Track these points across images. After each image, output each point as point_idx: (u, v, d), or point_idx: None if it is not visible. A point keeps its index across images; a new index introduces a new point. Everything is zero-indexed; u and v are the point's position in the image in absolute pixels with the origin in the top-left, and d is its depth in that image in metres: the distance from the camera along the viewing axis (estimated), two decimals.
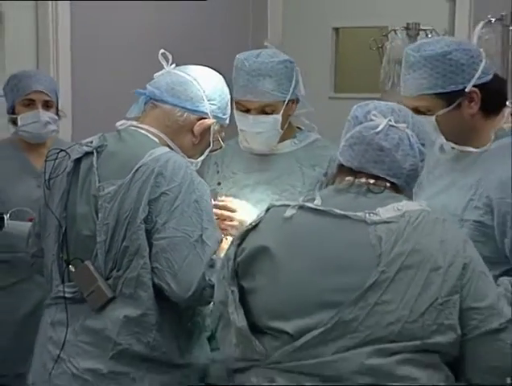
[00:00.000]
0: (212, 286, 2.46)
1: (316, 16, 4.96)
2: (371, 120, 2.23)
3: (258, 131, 3.08)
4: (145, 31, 4.33)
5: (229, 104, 2.79)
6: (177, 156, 2.60)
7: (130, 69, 2.69)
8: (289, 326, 2.12)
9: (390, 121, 2.22)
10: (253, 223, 2.25)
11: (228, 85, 2.80)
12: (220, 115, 2.73)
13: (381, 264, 2.11)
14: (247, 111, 3.07)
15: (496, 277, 2.56)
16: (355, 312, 2.09)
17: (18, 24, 4.31)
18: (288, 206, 2.23)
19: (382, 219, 2.16)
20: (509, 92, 3.56)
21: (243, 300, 2.22)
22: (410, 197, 2.31)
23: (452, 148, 2.76)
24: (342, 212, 2.17)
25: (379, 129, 2.20)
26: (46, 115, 3.64)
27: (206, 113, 2.69)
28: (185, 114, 2.67)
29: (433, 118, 2.70)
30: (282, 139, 3.13)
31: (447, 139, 2.73)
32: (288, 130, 3.14)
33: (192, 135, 2.69)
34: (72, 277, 2.60)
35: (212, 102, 2.69)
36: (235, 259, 2.24)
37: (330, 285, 2.13)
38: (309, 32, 4.96)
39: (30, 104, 3.64)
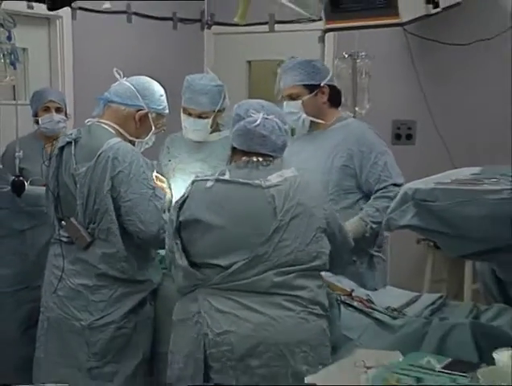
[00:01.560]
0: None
1: (236, 52, 4.90)
2: (250, 116, 2.24)
3: (196, 129, 3.06)
4: (126, 59, 4.26)
5: (163, 99, 2.69)
6: (125, 144, 2.56)
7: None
8: (222, 262, 2.16)
9: (263, 115, 2.24)
10: (186, 194, 2.25)
11: (166, 93, 2.73)
12: (154, 106, 2.64)
13: (279, 215, 2.17)
14: (190, 115, 3.05)
15: (355, 202, 2.88)
16: (265, 249, 2.15)
17: (37, 56, 4.23)
18: (207, 180, 2.24)
19: (273, 184, 2.20)
20: (358, 102, 3.66)
21: (184, 247, 2.23)
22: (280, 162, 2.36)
23: (311, 120, 2.92)
24: (245, 181, 2.20)
25: (258, 122, 2.22)
26: (58, 117, 3.64)
27: (142, 106, 2.61)
28: (127, 108, 2.61)
29: (300, 102, 2.89)
30: (212, 132, 3.12)
31: (307, 115, 2.90)
32: (216, 126, 3.12)
33: (135, 122, 2.62)
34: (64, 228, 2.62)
35: (145, 98, 2.61)
36: (177, 220, 2.23)
37: (246, 232, 2.17)
38: (232, 63, 4.90)
39: (47, 109, 3.63)
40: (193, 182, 2.28)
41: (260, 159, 2.25)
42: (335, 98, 2.96)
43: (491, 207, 2.11)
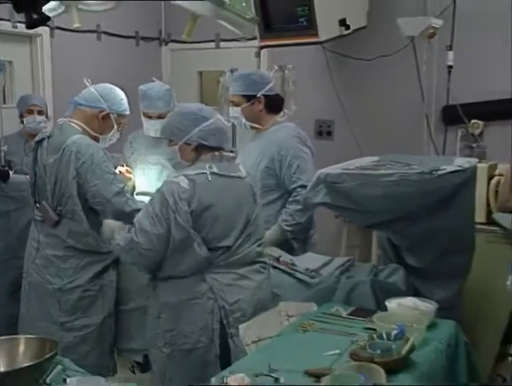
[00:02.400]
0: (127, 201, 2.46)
1: (189, 65, 4.81)
2: (213, 117, 2.13)
3: (157, 128, 2.92)
4: (96, 70, 4.15)
5: (123, 102, 2.60)
6: (87, 139, 2.49)
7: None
8: (228, 242, 2.09)
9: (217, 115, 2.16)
10: (188, 188, 2.02)
11: (128, 98, 2.65)
12: (115, 108, 2.56)
13: (257, 200, 2.20)
14: (150, 117, 2.96)
15: (277, 198, 2.74)
16: (252, 228, 2.15)
17: (21, 67, 4.11)
18: (201, 173, 2.06)
19: (245, 175, 2.18)
20: (286, 105, 3.63)
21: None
22: None
23: (250, 125, 2.81)
24: (232, 174, 2.13)
25: (225, 122, 2.15)
26: (40, 118, 3.52)
27: (104, 108, 2.54)
28: (91, 110, 2.54)
29: (240, 108, 2.77)
30: None
31: (246, 120, 2.79)
32: None
33: (98, 121, 2.55)
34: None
35: (107, 101, 2.55)
36: (188, 209, 2.02)
37: (240, 215, 2.12)
38: (185, 74, 4.83)
39: (30, 112, 3.51)
40: (186, 176, 2.05)
41: (230, 154, 2.21)
42: (272, 106, 2.80)
43: (385, 188, 2.16)
